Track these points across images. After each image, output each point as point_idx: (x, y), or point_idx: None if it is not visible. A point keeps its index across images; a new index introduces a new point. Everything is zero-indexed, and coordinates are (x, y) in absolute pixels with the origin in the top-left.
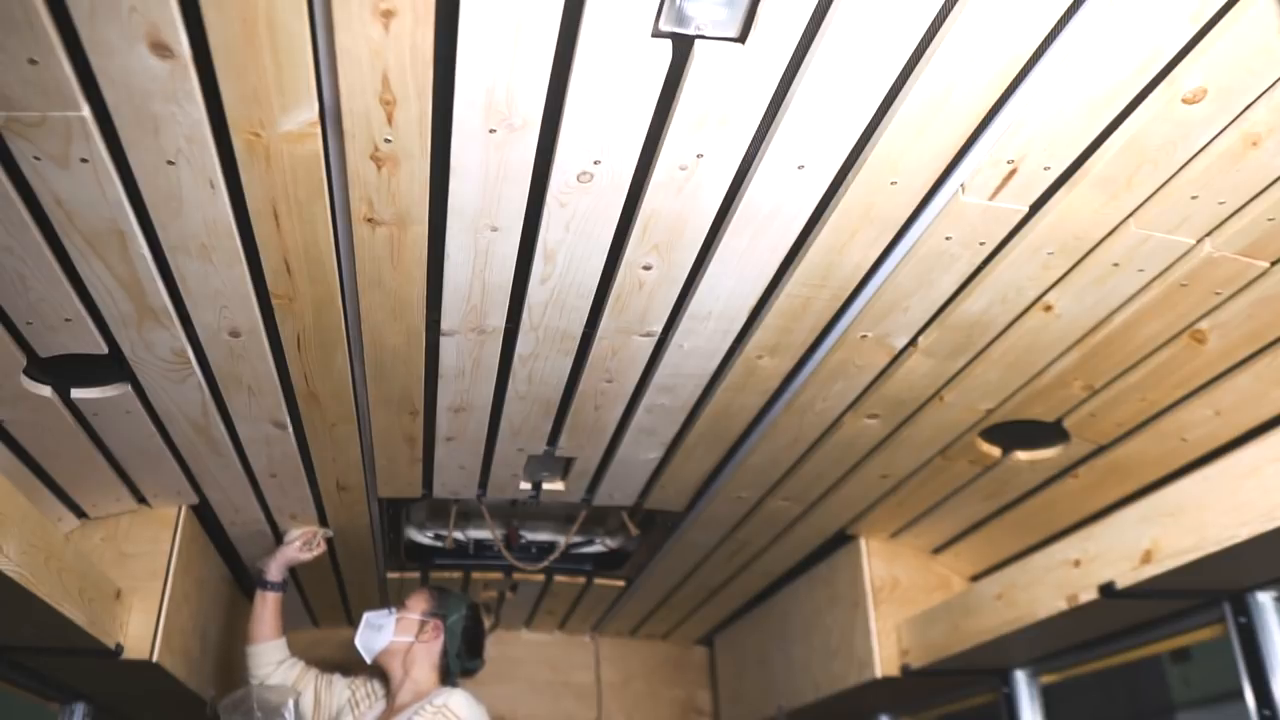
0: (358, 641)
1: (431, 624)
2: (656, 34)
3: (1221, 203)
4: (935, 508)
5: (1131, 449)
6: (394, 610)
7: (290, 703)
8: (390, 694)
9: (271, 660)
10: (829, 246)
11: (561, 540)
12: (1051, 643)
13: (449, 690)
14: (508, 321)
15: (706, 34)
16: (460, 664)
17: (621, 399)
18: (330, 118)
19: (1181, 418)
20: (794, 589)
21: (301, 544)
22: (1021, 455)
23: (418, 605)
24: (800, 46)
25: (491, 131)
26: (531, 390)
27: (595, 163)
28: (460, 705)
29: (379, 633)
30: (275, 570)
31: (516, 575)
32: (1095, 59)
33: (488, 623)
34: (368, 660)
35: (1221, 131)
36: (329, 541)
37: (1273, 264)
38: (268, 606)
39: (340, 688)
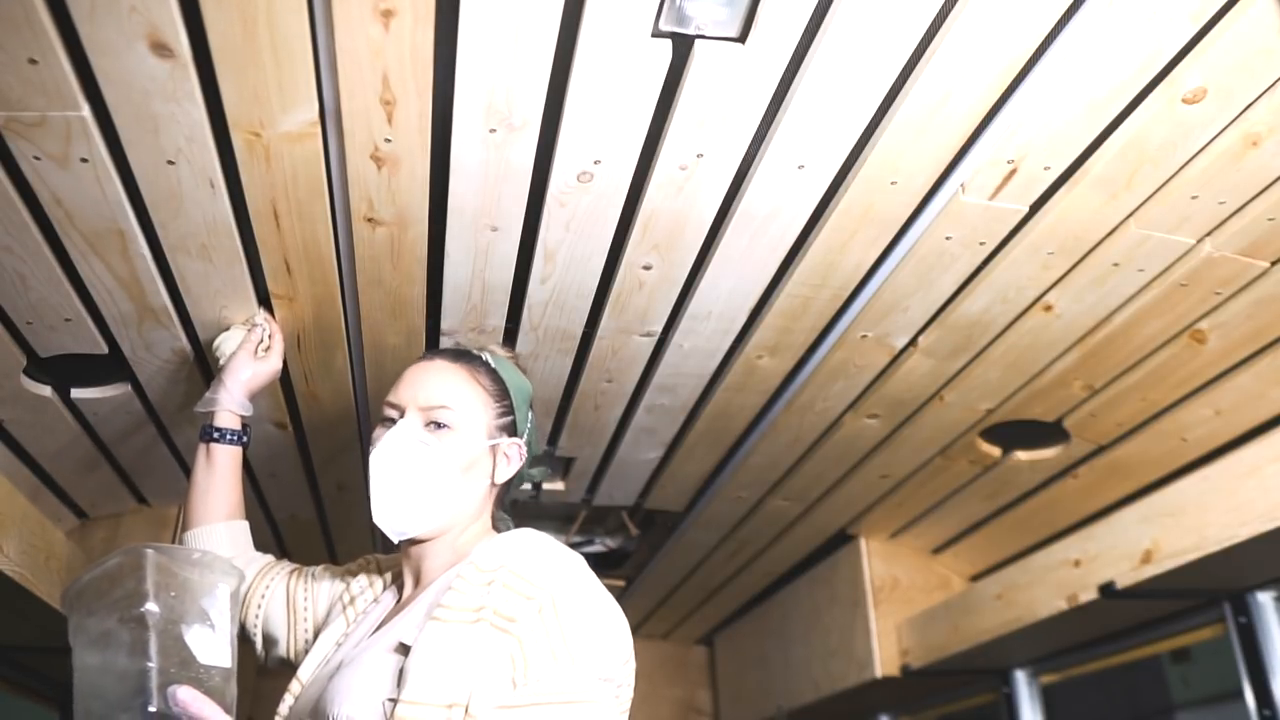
0: (390, 518)
1: (506, 445)
2: (656, 34)
3: (1221, 203)
4: (935, 508)
5: (1131, 449)
6: (427, 438)
7: (222, 588)
8: (412, 568)
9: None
10: (829, 246)
11: (561, 540)
12: (1051, 643)
13: (498, 536)
14: (508, 321)
15: (706, 34)
16: (526, 484)
17: (621, 399)
18: (330, 117)
19: (1181, 418)
20: (794, 589)
21: (255, 346)
22: (1021, 455)
23: (471, 415)
24: (800, 46)
25: (491, 131)
26: (532, 390)
27: (595, 163)
28: (535, 557)
29: (425, 491)
30: (234, 402)
31: None
32: (1095, 59)
33: None
34: (396, 539)
35: (1221, 131)
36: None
37: (1273, 264)
38: (216, 468)
39: (329, 582)
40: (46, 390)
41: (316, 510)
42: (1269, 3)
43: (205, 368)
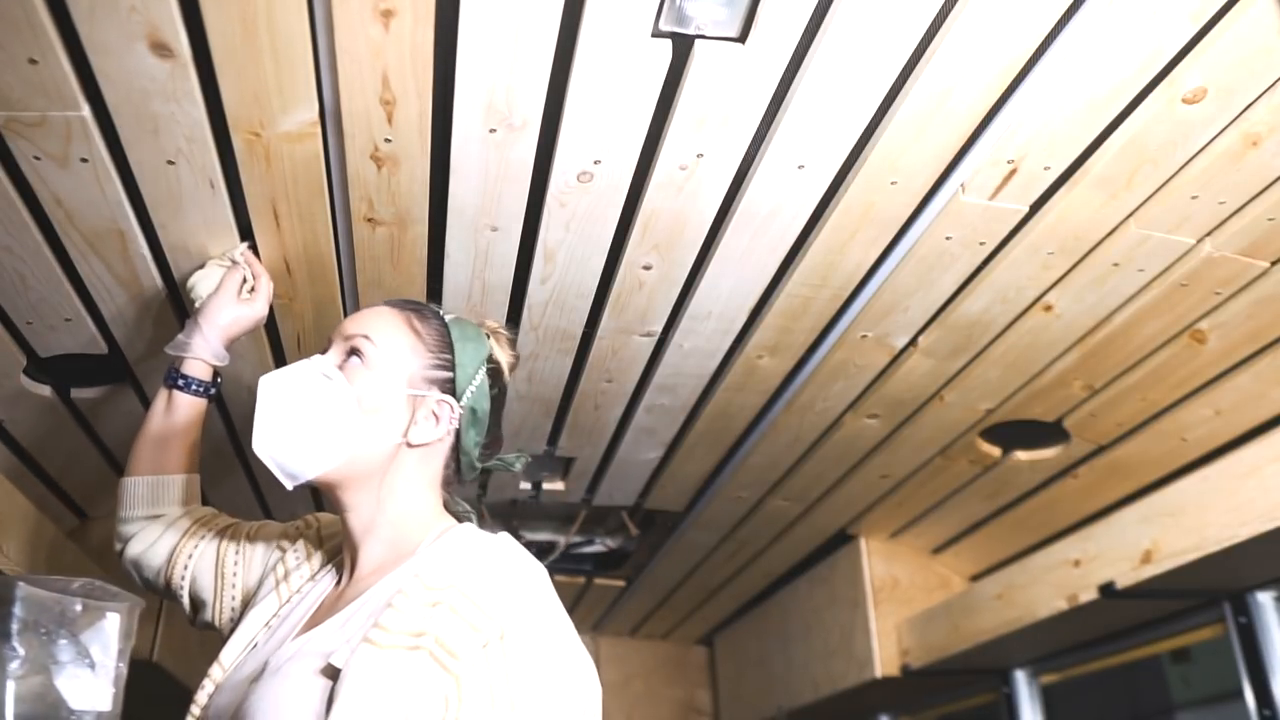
0: (268, 449)
1: (432, 400)
2: (656, 34)
3: (1221, 203)
4: (935, 508)
5: (1131, 449)
6: (328, 369)
7: (111, 620)
8: (349, 549)
9: (153, 507)
10: (829, 246)
11: (561, 540)
12: (1051, 643)
13: (458, 533)
14: (508, 321)
15: (706, 34)
16: (477, 466)
17: (621, 399)
18: (330, 118)
19: (1181, 418)
20: (794, 589)
21: (239, 288)
22: (1021, 455)
23: (394, 353)
24: (800, 46)
25: (491, 131)
26: (531, 390)
27: (595, 162)
28: (491, 578)
29: (316, 428)
30: (208, 349)
31: None
32: (1095, 59)
33: (507, 359)
34: (289, 485)
35: (1221, 131)
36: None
37: (1273, 264)
38: (178, 417)
39: (263, 547)
40: (46, 390)
41: (316, 509)
42: (1269, 3)
43: None
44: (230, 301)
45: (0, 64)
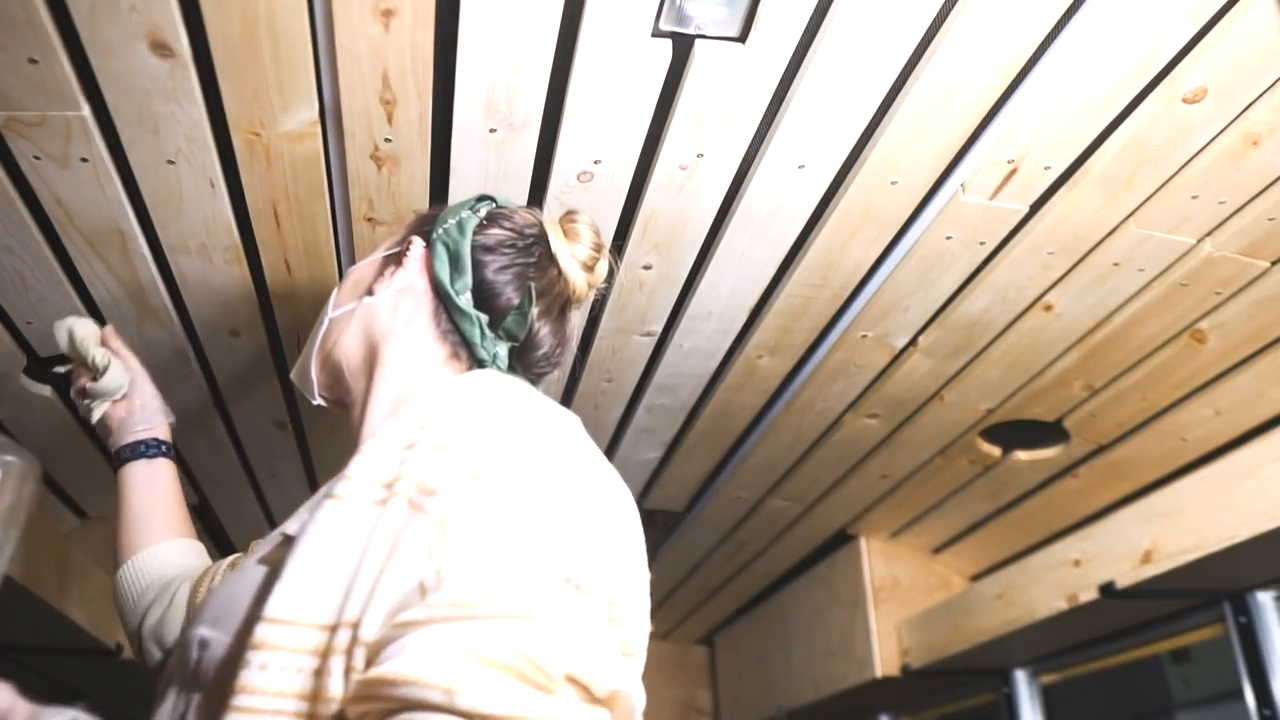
0: (292, 374)
1: (404, 246)
2: (656, 34)
3: (1221, 203)
4: (935, 508)
5: (1131, 449)
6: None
7: None
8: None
9: (166, 572)
10: (829, 246)
11: None
12: (1051, 643)
13: (454, 380)
14: None
15: (707, 34)
16: (479, 319)
17: (621, 399)
18: (330, 117)
19: (1181, 418)
20: (794, 589)
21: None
22: (1021, 455)
23: (388, 237)
24: (800, 46)
25: (491, 131)
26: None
27: (595, 162)
28: (483, 407)
29: (314, 335)
30: (161, 407)
31: None
32: (1095, 59)
33: (577, 246)
34: (314, 400)
35: (1221, 131)
36: None
37: (1273, 264)
38: (160, 484)
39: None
40: (46, 390)
41: None
42: (1269, 3)
43: (206, 367)
44: (132, 361)
45: (0, 64)
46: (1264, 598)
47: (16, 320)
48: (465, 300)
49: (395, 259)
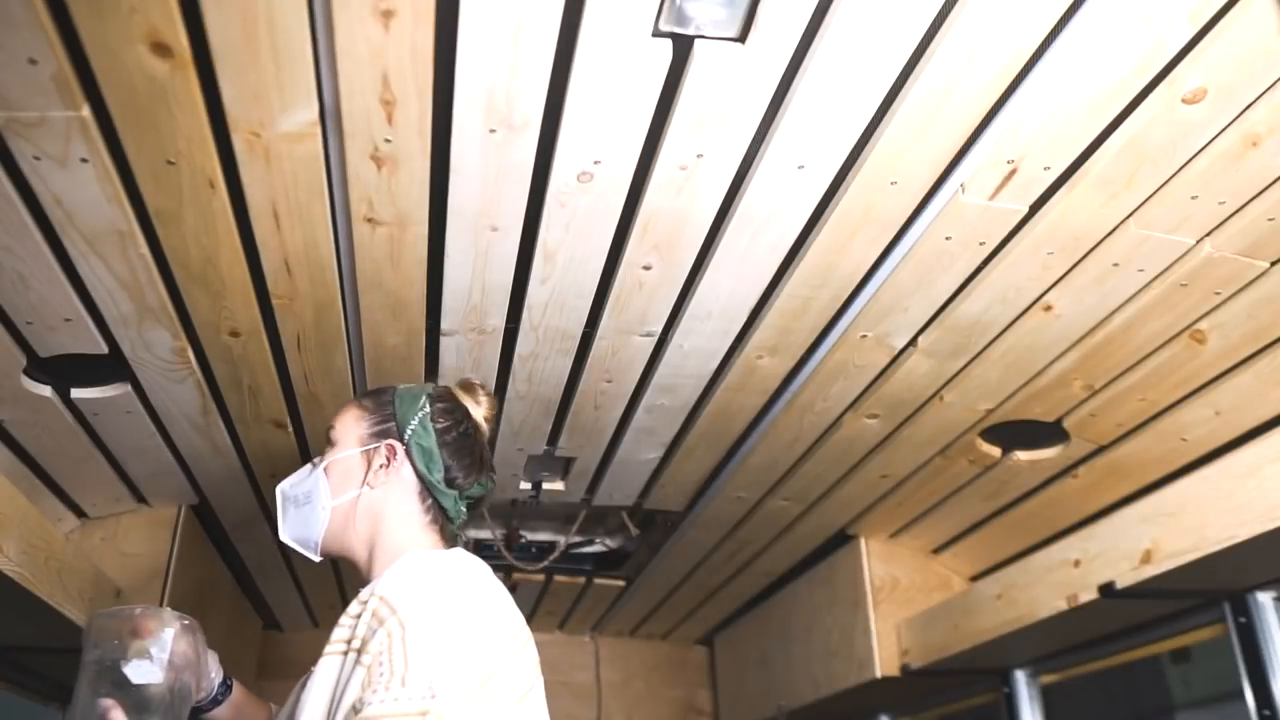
0: (288, 536)
1: (381, 447)
2: (656, 34)
3: (1221, 203)
4: (935, 508)
5: (1131, 449)
6: (317, 461)
7: (165, 634)
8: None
9: None
10: (829, 246)
11: (561, 540)
12: (1051, 643)
13: (405, 556)
14: (508, 321)
15: (706, 34)
16: (454, 495)
17: (621, 399)
18: (330, 118)
19: (1181, 418)
20: (794, 589)
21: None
22: (1021, 455)
23: (347, 430)
24: (800, 46)
25: (491, 131)
26: (531, 390)
27: (595, 163)
28: (404, 582)
29: (310, 507)
30: (219, 672)
31: (516, 575)
32: (1095, 59)
33: (479, 407)
34: (315, 558)
35: (1221, 131)
36: None
37: (1273, 264)
38: (235, 706)
39: None
40: (46, 390)
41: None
42: (1269, 3)
43: (205, 367)
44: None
45: (0, 64)
46: (1264, 598)
47: (16, 320)
48: (439, 479)
49: (384, 460)
